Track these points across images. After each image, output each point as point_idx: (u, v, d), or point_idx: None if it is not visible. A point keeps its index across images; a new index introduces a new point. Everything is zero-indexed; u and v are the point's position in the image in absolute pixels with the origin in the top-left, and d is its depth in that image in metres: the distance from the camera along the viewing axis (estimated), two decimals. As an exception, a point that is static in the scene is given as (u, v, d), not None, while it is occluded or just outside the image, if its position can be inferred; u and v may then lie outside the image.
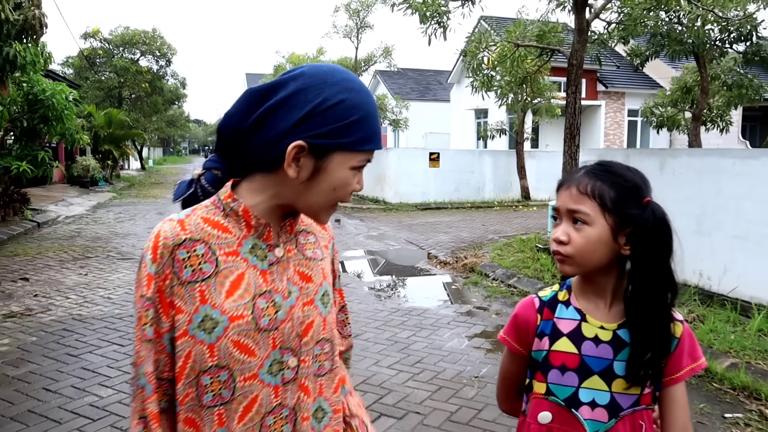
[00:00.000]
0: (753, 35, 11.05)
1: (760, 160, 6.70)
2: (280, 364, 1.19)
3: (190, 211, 1.21)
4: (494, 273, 8.04)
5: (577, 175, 1.40)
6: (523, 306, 1.50)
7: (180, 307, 1.14)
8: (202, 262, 1.15)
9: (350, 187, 1.19)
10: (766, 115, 29.33)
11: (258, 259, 1.20)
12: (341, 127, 1.13)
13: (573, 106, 7.55)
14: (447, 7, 7.84)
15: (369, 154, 1.20)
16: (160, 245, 1.14)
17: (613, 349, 1.37)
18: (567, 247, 1.35)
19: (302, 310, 1.23)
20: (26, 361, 4.70)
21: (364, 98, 1.18)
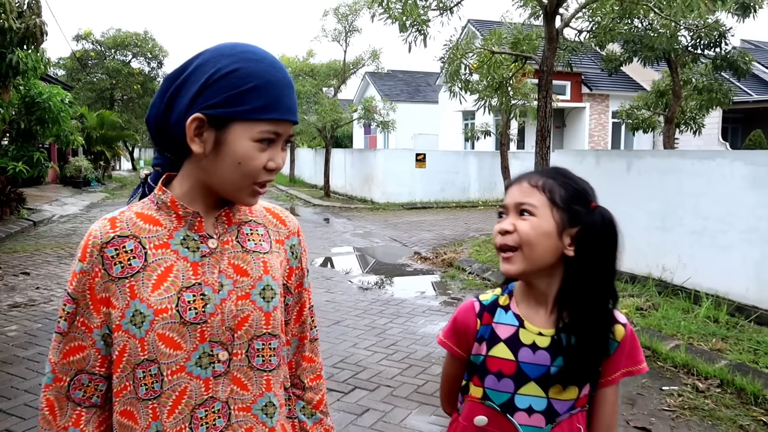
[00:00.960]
0: (722, 42, 11.60)
1: (715, 161, 7.21)
2: (210, 357, 1.18)
3: (126, 208, 1.24)
4: (471, 267, 8.53)
5: (529, 173, 1.43)
6: (463, 310, 1.49)
7: (113, 302, 1.16)
8: (131, 257, 1.17)
9: (256, 161, 1.16)
10: (747, 117, 29.94)
11: (189, 251, 1.20)
12: (235, 95, 1.12)
13: (544, 110, 8.04)
14: (426, 16, 8.30)
15: (274, 124, 1.16)
16: (89, 244, 1.17)
17: (551, 356, 1.36)
18: (513, 236, 1.34)
19: (236, 303, 1.21)
20: (34, 344, 5.14)
21: (265, 67, 1.15)
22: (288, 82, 1.19)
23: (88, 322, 1.17)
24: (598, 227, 1.33)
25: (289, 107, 1.18)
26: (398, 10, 7.66)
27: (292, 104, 1.19)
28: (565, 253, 1.34)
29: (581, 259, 1.33)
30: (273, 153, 1.18)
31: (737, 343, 5.17)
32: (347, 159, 22.08)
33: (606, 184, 8.46)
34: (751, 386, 4.24)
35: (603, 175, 8.88)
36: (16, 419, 3.74)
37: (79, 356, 1.19)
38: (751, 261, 6.45)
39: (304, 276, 1.41)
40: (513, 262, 1.35)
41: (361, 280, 8.18)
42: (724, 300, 6.47)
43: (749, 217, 6.50)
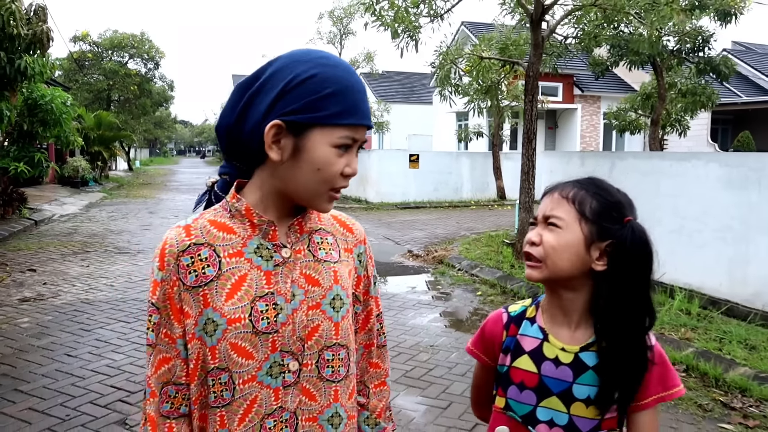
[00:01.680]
0: (705, 47, 11.99)
1: (691, 162, 7.58)
2: (281, 367, 1.19)
3: (199, 215, 1.24)
4: (460, 264, 8.88)
5: (564, 182, 1.40)
6: (491, 320, 1.50)
7: (188, 312, 1.17)
8: (205, 266, 1.17)
9: (335, 167, 1.16)
10: (737, 119, 30.35)
11: (263, 260, 1.20)
12: (314, 100, 1.12)
13: (530, 113, 8.38)
14: (417, 23, 8.64)
15: (352, 130, 1.16)
16: (166, 253, 1.18)
17: (573, 372, 1.35)
18: (538, 248, 1.33)
19: (306, 314, 1.21)
20: (46, 335, 5.47)
21: (341, 73, 1.15)
22: (362, 87, 1.19)
23: (171, 333, 1.19)
24: (628, 242, 1.28)
25: (365, 112, 1.18)
26: (390, 18, 7.99)
27: (367, 109, 1.19)
28: (593, 267, 1.32)
29: (613, 274, 1.30)
30: (349, 158, 1.18)
31: (705, 332, 5.53)
32: (342, 159, 22.36)
33: (590, 185, 8.84)
34: (713, 371, 4.60)
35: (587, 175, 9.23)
36: (37, 399, 4.07)
37: (165, 368, 1.20)
38: (725, 258, 6.81)
39: (370, 284, 1.40)
40: (536, 270, 1.35)
41: (355, 276, 8.51)
42: (699, 294, 6.83)
43: (723, 216, 6.86)
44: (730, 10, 10.42)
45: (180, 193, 22.81)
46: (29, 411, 3.88)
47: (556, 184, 1.40)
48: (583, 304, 1.36)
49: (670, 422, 3.93)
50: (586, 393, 1.33)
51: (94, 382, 4.37)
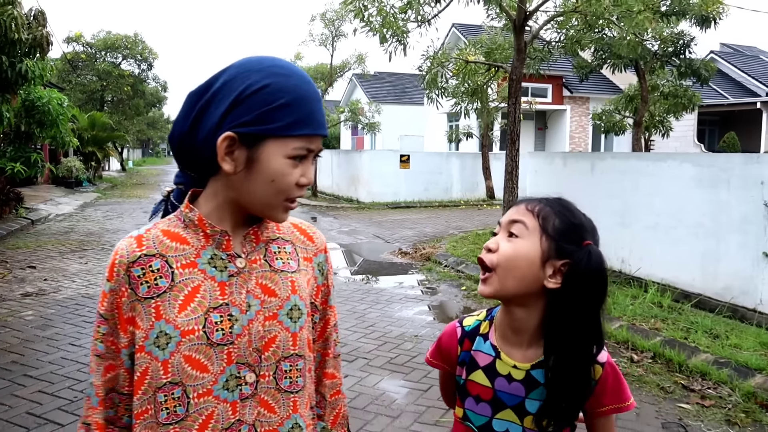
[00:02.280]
0: (686, 51, 12.35)
1: (666, 162, 7.93)
2: (237, 380, 1.17)
3: (152, 225, 1.23)
4: (446, 261, 9.21)
5: (532, 197, 1.42)
6: (446, 334, 1.53)
7: (138, 323, 1.15)
8: (157, 277, 1.15)
9: (289, 178, 1.15)
10: (723, 120, 30.78)
11: (217, 270, 1.19)
12: (266, 112, 1.10)
13: (513, 115, 8.72)
14: (405, 28, 8.95)
15: (306, 140, 1.15)
16: (116, 263, 1.16)
17: (525, 388, 1.37)
18: (492, 255, 1.34)
19: (263, 324, 1.19)
20: (50, 326, 5.75)
21: (295, 82, 1.14)
22: (317, 96, 1.18)
23: (117, 342, 1.17)
24: (583, 264, 1.29)
25: (320, 121, 1.17)
26: (378, 23, 8.30)
27: (322, 118, 1.18)
28: (546, 284, 1.32)
29: (566, 294, 1.30)
30: (305, 168, 1.17)
31: (674, 323, 5.87)
32: (334, 160, 22.70)
33: (572, 184, 9.20)
34: (677, 357, 4.94)
35: (570, 175, 9.59)
36: (46, 383, 4.36)
37: (110, 375, 1.19)
38: (698, 253, 7.16)
39: (330, 293, 1.39)
40: (487, 283, 1.35)
41: (346, 272, 8.82)
42: (674, 288, 7.18)
43: (695, 213, 7.20)
44: (708, 16, 10.81)
45: (173, 193, 23.00)
46: (39, 393, 4.17)
47: (523, 198, 1.43)
48: (535, 322, 1.37)
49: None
50: (536, 407, 1.36)
51: (98, 368, 4.67)
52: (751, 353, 4.93)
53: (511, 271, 1.31)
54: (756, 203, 6.44)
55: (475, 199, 20.03)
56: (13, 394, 4.17)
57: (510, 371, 1.39)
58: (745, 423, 3.95)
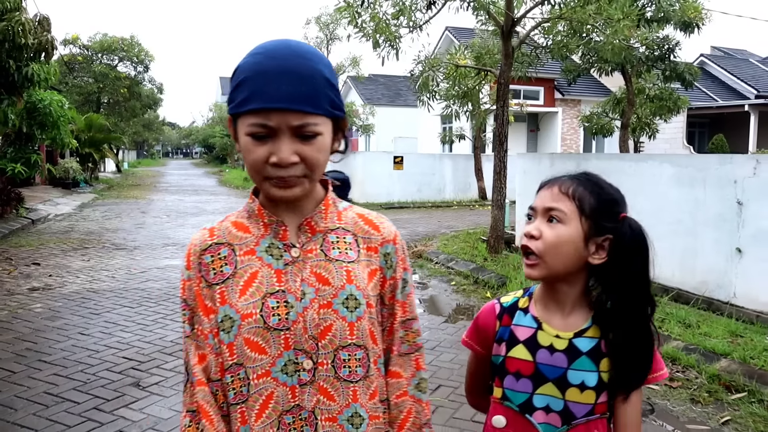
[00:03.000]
0: (670, 55, 12.73)
1: (648, 163, 8.29)
2: (295, 365, 1.20)
3: (224, 217, 1.32)
4: (437, 258, 9.54)
5: (560, 177, 1.43)
6: (485, 312, 1.52)
7: (210, 307, 1.22)
8: (223, 264, 1.23)
9: (252, 155, 1.16)
10: (713, 122, 31.19)
11: (273, 258, 1.23)
12: (232, 91, 1.17)
13: (501, 118, 9.06)
14: (398, 33, 9.28)
15: (260, 116, 1.13)
16: (191, 252, 1.25)
17: (568, 358, 1.38)
18: (537, 242, 1.36)
19: (318, 312, 1.21)
20: (59, 318, 6.06)
21: (258, 59, 1.15)
22: (284, 69, 1.13)
23: (203, 328, 1.23)
24: (627, 238, 1.35)
25: (275, 95, 1.11)
26: (371, 29, 8.62)
27: (279, 91, 1.12)
28: (590, 261, 1.37)
29: (614, 267, 1.36)
30: (275, 147, 1.14)
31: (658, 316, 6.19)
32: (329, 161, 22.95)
33: (557, 184, 9.54)
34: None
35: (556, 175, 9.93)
36: (60, 367, 4.67)
37: (204, 364, 1.23)
38: (677, 249, 7.50)
39: (397, 287, 1.34)
40: (536, 268, 1.37)
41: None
42: (654, 283, 7.51)
43: (675, 211, 7.55)
44: (690, 22, 11.18)
45: (169, 194, 23.30)
46: (54, 376, 4.48)
47: (554, 178, 1.43)
48: (577, 293, 1.41)
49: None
50: (580, 378, 1.37)
51: (108, 354, 4.98)
52: (719, 340, 5.27)
53: (557, 255, 1.35)
54: (730, 201, 6.79)
55: (468, 200, 20.38)
56: (30, 377, 4.48)
57: (552, 341, 1.40)
58: (707, 402, 4.28)
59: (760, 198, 6.48)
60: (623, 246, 1.35)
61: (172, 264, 9.01)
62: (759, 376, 4.52)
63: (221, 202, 20.41)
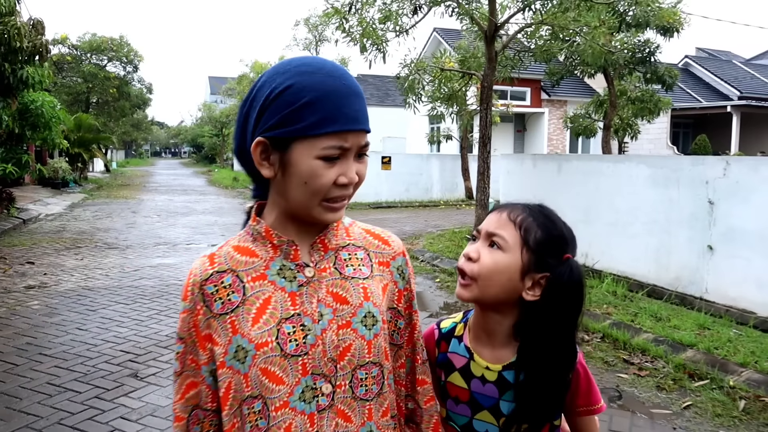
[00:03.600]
0: (650, 58, 13.06)
1: (625, 164, 8.60)
2: (314, 391, 1.16)
3: (225, 242, 1.24)
4: (423, 256, 9.81)
5: (514, 204, 1.41)
6: (426, 336, 1.50)
7: (215, 339, 1.15)
8: (230, 292, 1.16)
9: (322, 180, 1.11)
10: (696, 122, 31.68)
11: (286, 281, 1.18)
12: (290, 113, 1.09)
13: (485, 120, 9.34)
14: (385, 37, 9.54)
15: (337, 138, 1.10)
16: (190, 283, 1.19)
17: (498, 390, 1.39)
18: (474, 265, 1.35)
19: (337, 333, 1.18)
20: (57, 314, 6.27)
21: (320, 78, 1.10)
22: (350, 90, 1.13)
23: (197, 359, 1.18)
24: (565, 279, 1.32)
25: (353, 116, 1.12)
26: (359, 34, 8.87)
27: (355, 112, 1.13)
28: (524, 296, 1.34)
29: (545, 307, 1.33)
30: (344, 167, 1.13)
31: (624, 309, 6.51)
32: (318, 161, 23.17)
33: (541, 183, 9.85)
34: (622, 336, 5.56)
35: (539, 175, 10.23)
36: (60, 360, 4.90)
37: (193, 392, 1.20)
38: (652, 248, 7.81)
39: (413, 297, 1.35)
40: (467, 289, 1.36)
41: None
42: (630, 279, 7.84)
43: (650, 211, 7.86)
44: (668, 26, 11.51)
45: (159, 194, 23.44)
46: (55, 368, 4.71)
47: (507, 204, 1.41)
48: (508, 326, 1.39)
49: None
50: (508, 408, 1.37)
51: (106, 348, 5.21)
52: (687, 332, 5.57)
53: (490, 282, 1.33)
54: (702, 201, 7.10)
55: (455, 200, 20.67)
56: (32, 369, 4.70)
57: (483, 372, 1.41)
58: (672, 388, 4.57)
59: (729, 198, 6.80)
60: (559, 287, 1.32)
61: (165, 263, 9.22)
62: (721, 365, 4.83)
63: (210, 201, 20.59)
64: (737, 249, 6.74)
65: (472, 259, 1.35)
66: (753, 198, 6.57)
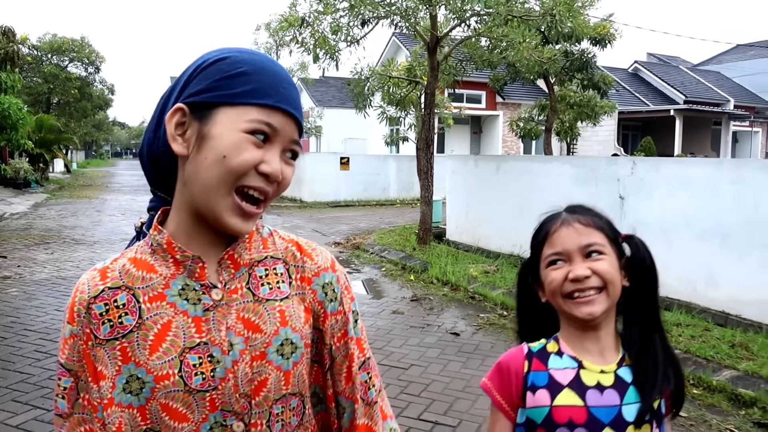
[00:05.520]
0: (587, 67, 14.12)
1: (553, 164, 9.58)
2: (223, 428, 0.99)
3: (120, 254, 1.06)
4: (373, 249, 10.67)
5: (566, 214, 1.38)
6: (510, 353, 1.41)
7: (102, 371, 0.98)
8: (122, 314, 0.98)
9: (245, 155, 0.95)
10: (645, 125, 33.17)
11: (189, 304, 1.00)
12: (222, 79, 0.97)
13: (428, 123, 10.24)
14: (338, 47, 10.35)
15: (265, 113, 0.97)
16: (76, 302, 1.00)
17: (619, 393, 1.29)
18: (595, 278, 1.29)
19: (250, 366, 1.00)
20: (35, 299, 6.94)
21: (259, 58, 1.01)
22: (287, 77, 1.02)
23: (91, 398, 1.00)
24: (642, 254, 1.36)
25: (287, 97, 1.00)
26: (311, 44, 9.68)
27: (290, 96, 1.01)
28: (624, 285, 1.35)
29: (634, 288, 1.35)
30: (269, 154, 0.97)
31: (543, 290, 7.42)
32: (279, 162, 23.86)
33: (482, 182, 10.78)
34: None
35: (480, 174, 11.16)
36: (44, 333, 5.63)
37: None
38: (575, 238, 8.77)
39: (348, 322, 1.14)
40: (598, 302, 1.30)
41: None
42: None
43: (573, 206, 8.82)
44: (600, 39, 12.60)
45: (122, 194, 23.84)
46: (41, 340, 5.43)
47: (564, 217, 1.38)
48: (613, 326, 1.37)
49: (490, 341, 5.77)
50: (634, 413, 1.29)
51: (83, 324, 5.92)
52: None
53: (615, 285, 1.31)
54: (615, 196, 8.08)
55: (411, 198, 21.58)
56: (20, 341, 5.41)
57: (599, 378, 1.31)
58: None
59: (636, 193, 7.79)
60: (641, 261, 1.36)
61: (131, 256, 9.87)
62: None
63: (174, 201, 21.06)
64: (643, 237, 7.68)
65: (588, 276, 1.29)
66: (654, 194, 7.56)
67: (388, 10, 8.94)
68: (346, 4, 9.04)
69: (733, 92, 36.91)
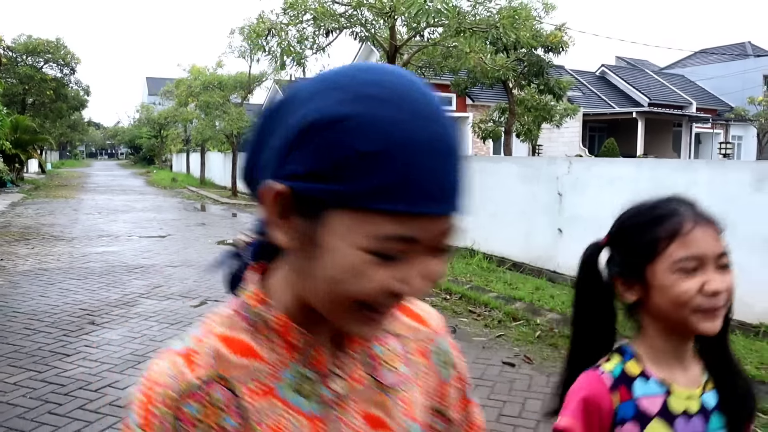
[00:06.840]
0: (543, 72, 14.97)
1: (501, 164, 10.40)
2: None
3: (202, 331, 0.76)
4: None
5: (692, 211, 1.17)
6: (591, 385, 1.19)
7: None
8: (221, 417, 0.71)
9: (364, 283, 0.64)
10: (609, 127, 34.25)
11: (304, 398, 0.75)
12: (338, 162, 0.60)
13: (389, 127, 10.98)
14: (304, 54, 11.06)
15: (407, 223, 0.61)
16: (156, 401, 0.71)
17: (704, 420, 1.17)
18: (725, 294, 1.13)
19: None
20: (20, 287, 7.56)
21: (401, 114, 0.61)
22: (446, 143, 0.63)
23: None
24: None
25: (440, 190, 0.62)
26: (278, 51, 10.38)
27: (446, 183, 0.63)
28: None
29: None
30: (403, 272, 0.65)
31: (485, 277, 8.23)
32: (253, 162, 24.45)
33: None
34: (473, 295, 7.25)
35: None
36: (32, 314, 6.27)
37: None
38: (521, 232, 9.58)
39: (465, 387, 0.94)
40: (719, 318, 1.14)
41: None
42: (507, 259, 9.59)
43: (520, 201, 9.62)
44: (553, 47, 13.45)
45: (98, 194, 24.30)
46: (29, 320, 6.08)
47: (689, 212, 1.16)
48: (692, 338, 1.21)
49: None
50: None
51: (67, 307, 6.59)
52: (524, 292, 7.31)
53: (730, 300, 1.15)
54: (554, 193, 8.90)
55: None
56: (10, 321, 6.06)
57: (687, 405, 1.17)
58: (495, 327, 6.26)
59: (572, 191, 8.61)
60: None
61: (109, 250, 10.50)
62: (535, 311, 6.56)
63: (149, 200, 21.65)
64: (578, 231, 8.53)
65: (720, 291, 1.12)
66: (587, 191, 8.39)
67: (349, 22, 9.66)
68: (309, 16, 9.74)
69: (696, 95, 38.28)
